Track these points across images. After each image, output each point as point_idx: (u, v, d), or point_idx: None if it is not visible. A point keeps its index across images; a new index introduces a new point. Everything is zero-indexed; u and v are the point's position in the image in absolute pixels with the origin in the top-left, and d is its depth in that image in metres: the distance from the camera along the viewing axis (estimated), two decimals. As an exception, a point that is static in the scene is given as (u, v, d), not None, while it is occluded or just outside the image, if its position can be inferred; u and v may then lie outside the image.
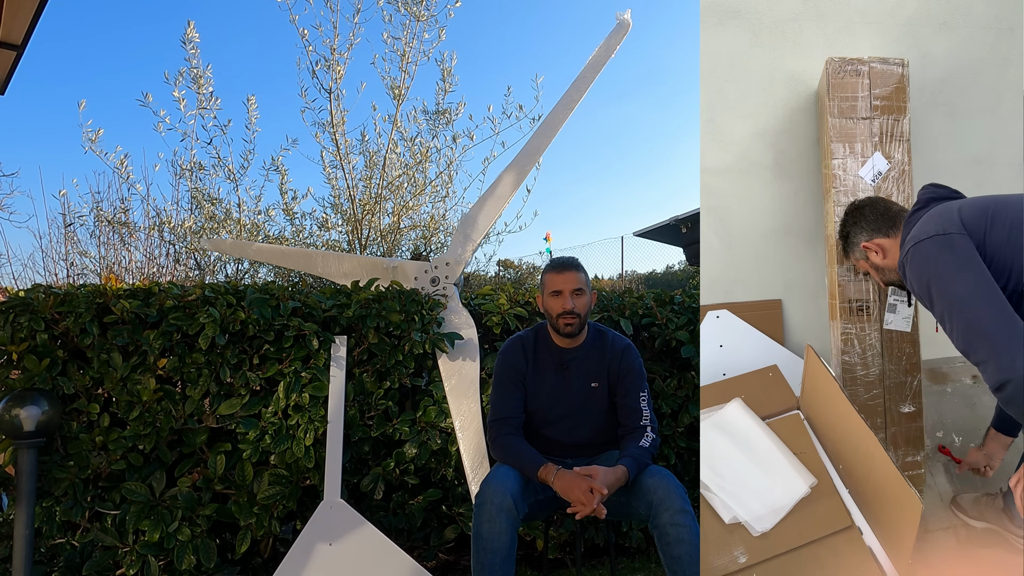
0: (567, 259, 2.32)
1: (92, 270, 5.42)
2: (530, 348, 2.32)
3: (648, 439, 2.18)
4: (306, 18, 6.05)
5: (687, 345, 2.98)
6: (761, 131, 2.42)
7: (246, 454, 2.49)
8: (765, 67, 2.36)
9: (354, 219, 5.65)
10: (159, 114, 5.22)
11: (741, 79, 2.36)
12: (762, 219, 2.51)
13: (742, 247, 2.53)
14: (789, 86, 2.37)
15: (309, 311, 2.62)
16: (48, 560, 2.55)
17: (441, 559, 2.84)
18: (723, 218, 2.49)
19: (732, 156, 2.42)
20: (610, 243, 17.69)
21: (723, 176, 2.44)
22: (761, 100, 2.39)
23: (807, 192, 2.47)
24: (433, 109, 5.84)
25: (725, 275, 2.56)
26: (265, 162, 5.67)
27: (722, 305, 2.62)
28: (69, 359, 2.47)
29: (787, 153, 2.43)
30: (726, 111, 2.38)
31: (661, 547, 1.93)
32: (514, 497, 1.96)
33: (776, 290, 2.61)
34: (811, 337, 2.64)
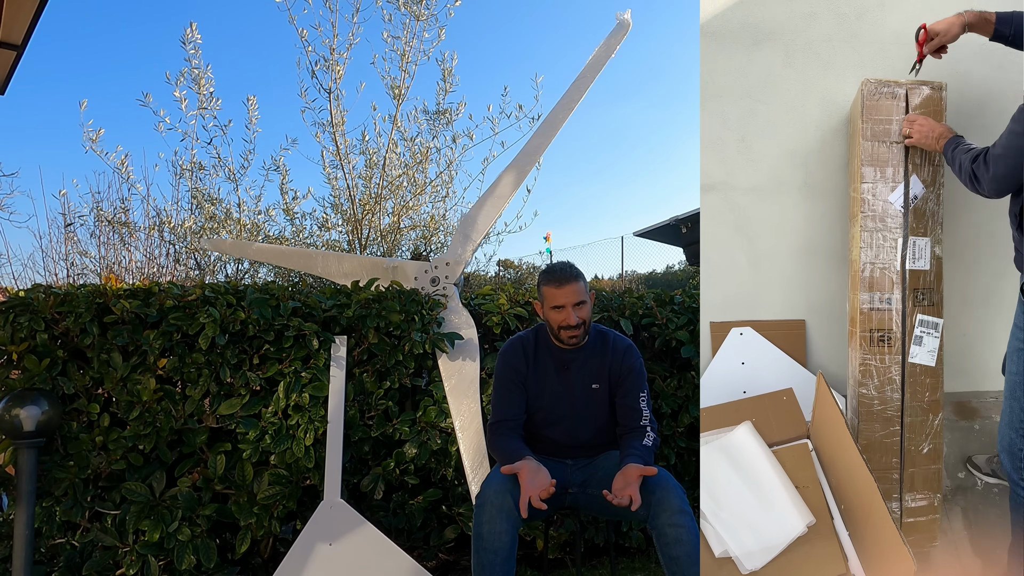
0: (565, 269, 2.24)
1: (92, 270, 5.42)
2: (530, 349, 2.32)
3: (649, 439, 2.18)
4: (305, 18, 6.05)
5: (687, 345, 2.98)
6: (791, 151, 2.40)
7: (246, 454, 2.49)
8: (798, 88, 2.35)
9: (354, 219, 5.65)
10: (159, 114, 5.23)
11: (773, 99, 2.35)
12: (789, 239, 2.50)
13: (768, 266, 2.52)
14: (821, 107, 2.36)
15: (309, 311, 2.62)
16: (48, 560, 2.55)
17: (441, 559, 2.84)
18: (750, 236, 2.48)
19: (761, 175, 2.42)
20: (610, 243, 17.68)
21: (751, 194, 2.44)
22: (792, 120, 2.38)
23: (835, 214, 2.45)
24: (433, 109, 5.85)
25: (749, 293, 2.54)
26: (265, 162, 5.68)
27: (746, 322, 2.58)
28: (69, 359, 2.46)
29: (816, 174, 2.42)
30: (758, 130, 2.38)
31: (660, 548, 1.93)
32: (515, 497, 1.96)
33: (800, 310, 2.59)
34: (833, 360, 2.62)
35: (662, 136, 47.14)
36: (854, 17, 2.32)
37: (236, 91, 17.72)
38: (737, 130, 2.41)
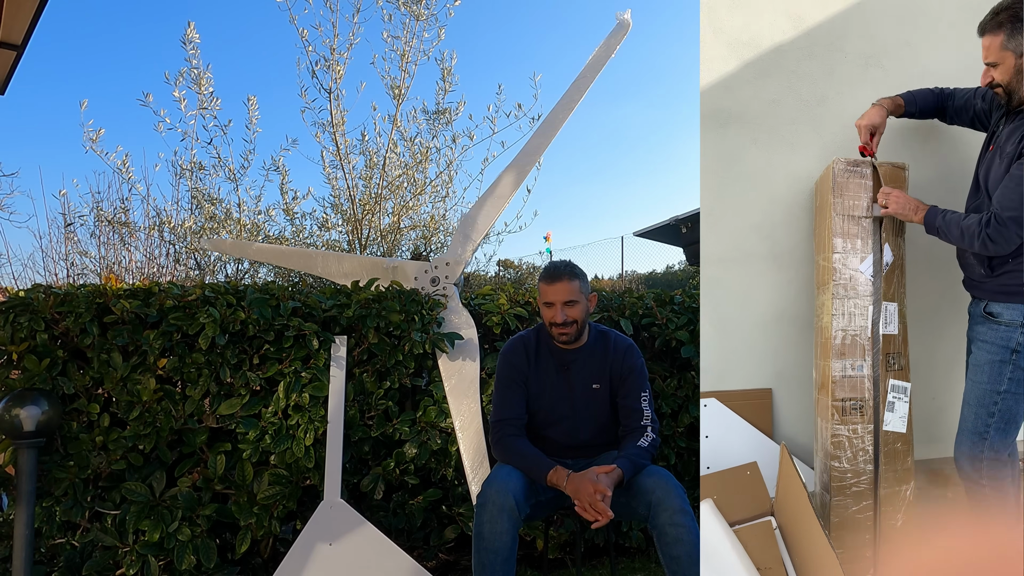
0: (559, 267, 2.26)
1: (92, 270, 5.42)
2: (532, 348, 2.31)
3: (647, 439, 2.18)
4: (306, 18, 6.07)
5: (687, 345, 2.98)
6: (757, 224, 2.51)
7: (246, 454, 2.49)
8: (763, 166, 2.49)
9: (354, 219, 5.65)
10: (160, 114, 5.23)
11: (740, 177, 2.48)
12: (756, 307, 2.56)
13: (735, 335, 2.57)
14: (786, 183, 2.49)
15: (309, 311, 2.62)
16: (48, 560, 2.56)
17: (441, 559, 2.84)
18: (716, 305, 2.55)
19: (727, 247, 2.52)
20: (610, 243, 17.70)
21: (718, 265, 2.53)
22: (758, 196, 2.50)
23: (800, 281, 2.54)
24: (433, 109, 5.85)
25: (717, 363, 2.58)
26: (265, 162, 5.68)
27: (711, 393, 2.58)
28: (69, 359, 2.46)
29: (783, 244, 2.53)
30: (725, 206, 2.50)
31: (660, 547, 1.93)
32: (516, 497, 1.96)
33: (767, 379, 2.62)
34: (800, 430, 2.62)
35: (662, 136, 47.19)
36: (815, 103, 2.50)
37: (236, 91, 17.74)
38: (705, 204, 2.52)
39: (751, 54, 2.43)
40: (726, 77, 2.42)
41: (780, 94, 2.47)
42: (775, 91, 2.46)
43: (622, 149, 41.71)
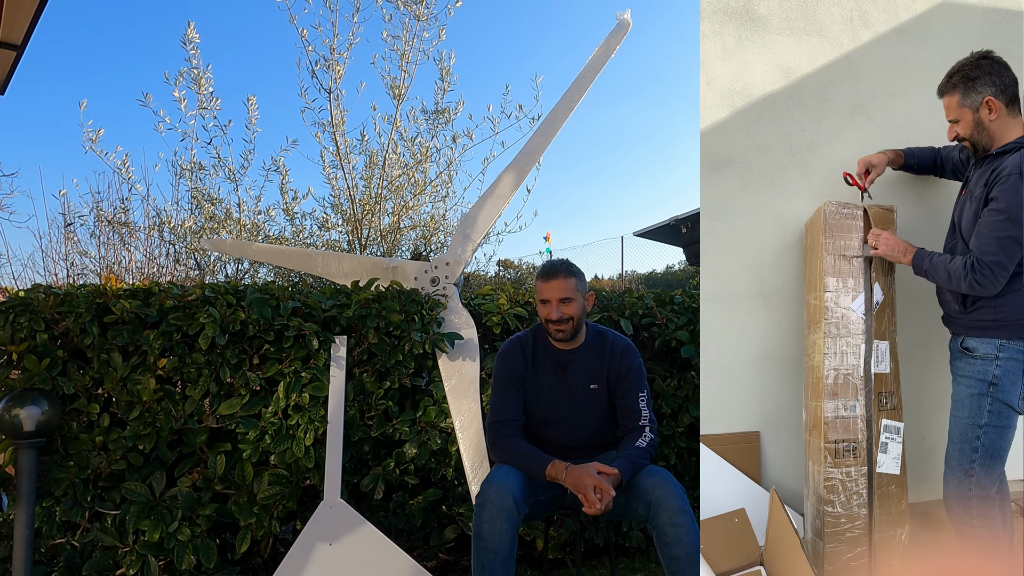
0: (555, 265, 2.28)
1: (92, 270, 5.42)
2: (529, 349, 2.32)
3: (646, 439, 2.18)
4: (305, 18, 6.06)
5: (687, 345, 2.98)
6: (748, 265, 2.56)
7: (246, 454, 2.49)
8: (753, 208, 2.55)
9: (354, 219, 5.66)
10: (159, 114, 5.24)
11: (732, 219, 2.53)
12: (745, 347, 2.58)
13: (723, 376, 2.58)
14: (776, 225, 2.55)
15: (309, 311, 2.62)
16: (48, 560, 2.56)
17: (441, 559, 2.84)
18: (704, 346, 2.56)
19: (717, 286, 2.55)
20: (610, 243, 17.69)
21: (706, 305, 2.56)
22: (749, 237, 2.55)
23: (789, 321, 2.56)
24: (432, 109, 5.85)
25: (705, 405, 2.58)
26: (265, 162, 5.68)
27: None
28: (69, 359, 2.46)
29: (772, 284, 2.57)
30: (716, 247, 2.55)
31: (660, 548, 1.93)
32: (515, 497, 1.96)
33: (755, 421, 2.62)
34: (789, 474, 2.61)
35: (662, 136, 47.21)
36: (804, 149, 2.56)
37: (236, 91, 17.75)
38: (703, 245, 2.56)
39: (743, 102, 2.52)
40: (719, 124, 2.51)
41: (771, 140, 2.54)
42: (766, 137, 2.54)
43: (622, 149, 41.78)
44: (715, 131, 2.50)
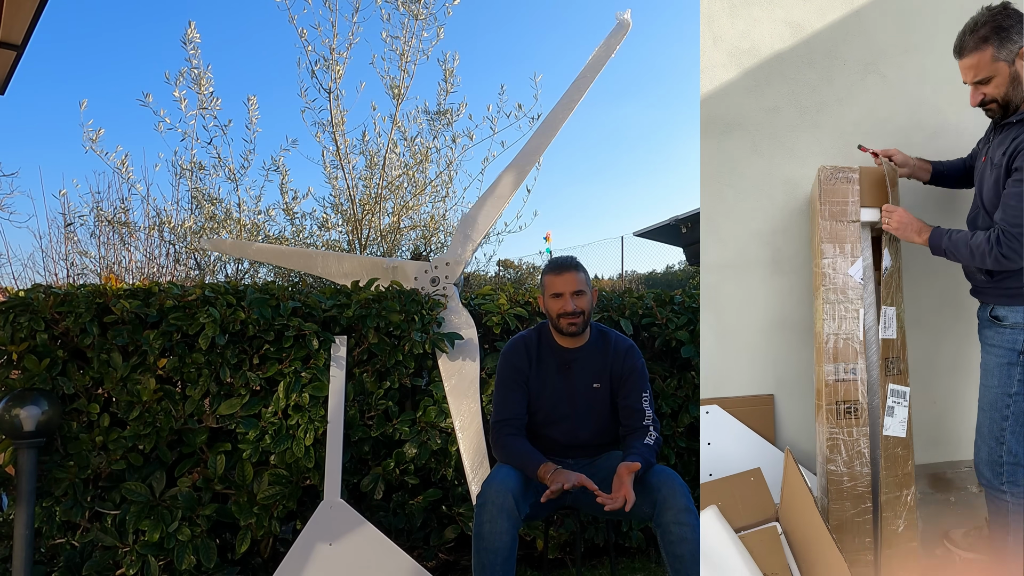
0: (566, 259, 2.30)
1: (92, 270, 5.42)
2: (533, 348, 2.32)
3: (651, 438, 2.18)
4: (305, 18, 6.05)
5: (687, 345, 2.98)
6: (758, 231, 2.52)
7: (246, 454, 2.49)
8: (763, 173, 2.50)
9: (354, 219, 5.65)
10: (159, 114, 5.23)
11: (740, 184, 2.49)
12: (757, 314, 2.56)
13: (736, 341, 2.57)
14: (786, 190, 2.50)
15: (309, 311, 2.62)
16: (48, 560, 2.55)
17: (441, 559, 2.84)
18: (718, 312, 2.55)
19: (730, 253, 2.52)
20: (610, 243, 17.67)
21: (720, 272, 2.53)
22: (759, 203, 2.51)
23: (802, 288, 2.53)
24: (434, 109, 5.84)
25: (717, 369, 2.58)
26: (265, 162, 5.68)
27: (712, 400, 2.57)
28: (69, 359, 2.46)
29: (783, 251, 2.53)
30: (726, 213, 2.51)
31: (664, 546, 1.93)
32: (516, 497, 1.96)
33: (769, 385, 2.62)
34: (803, 436, 2.62)
35: (662, 136, 47.21)
36: (815, 110, 2.50)
37: (236, 91, 17.74)
38: (705, 211, 2.52)
39: (751, 62, 2.45)
40: (726, 85, 2.44)
41: (780, 102, 2.48)
42: (775, 99, 2.48)
43: (622, 149, 41.77)
44: (721, 93, 2.43)
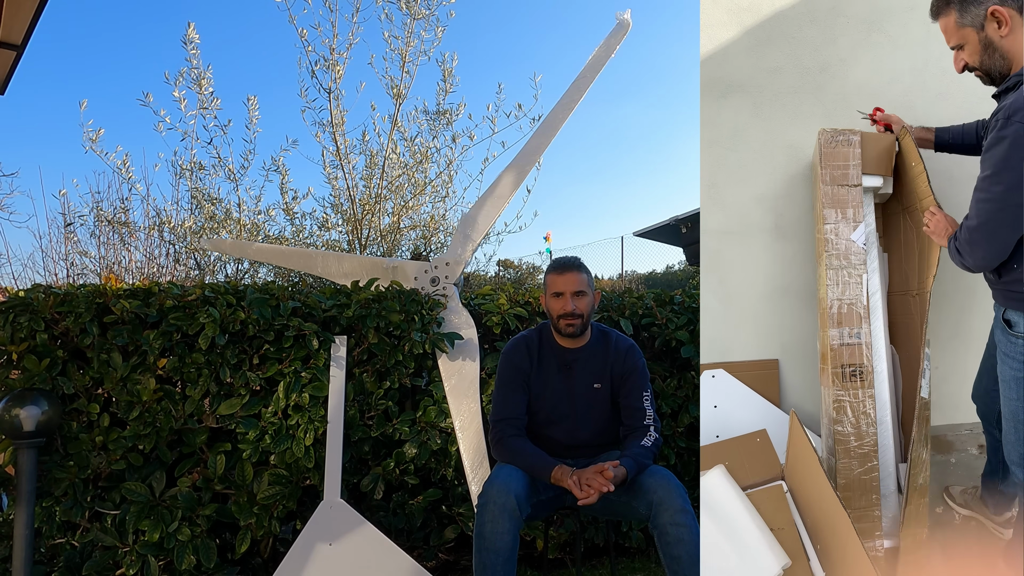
0: (569, 259, 2.30)
1: (92, 270, 5.42)
2: (534, 348, 2.32)
3: (650, 438, 2.18)
4: (305, 18, 6.05)
5: (687, 345, 2.98)
6: (760, 196, 2.47)
7: (246, 454, 2.49)
8: (765, 137, 2.44)
9: (354, 219, 5.65)
10: (159, 114, 5.24)
11: (742, 148, 2.43)
12: (760, 280, 2.54)
13: (740, 307, 2.55)
14: (788, 154, 2.44)
15: (309, 311, 2.62)
16: (48, 560, 2.55)
17: (441, 559, 2.84)
18: (722, 278, 2.52)
19: (732, 219, 2.48)
20: (610, 243, 17.68)
21: (722, 238, 2.49)
22: (761, 167, 2.46)
23: (804, 254, 2.51)
24: (434, 109, 5.85)
25: (722, 335, 2.56)
26: (265, 162, 5.69)
27: (718, 364, 2.58)
28: (69, 359, 2.46)
29: (786, 216, 2.49)
30: (727, 177, 2.45)
31: (661, 547, 1.93)
32: (517, 497, 1.96)
33: (773, 350, 2.62)
34: (808, 399, 2.63)
35: (662, 136, 47.21)
36: (817, 71, 2.43)
37: (236, 91, 17.75)
38: (707, 177, 2.48)
39: (751, 20, 2.37)
40: (726, 44, 2.37)
41: (781, 62, 2.40)
42: (776, 59, 2.39)
43: (622, 149, 41.76)
44: (722, 53, 2.36)
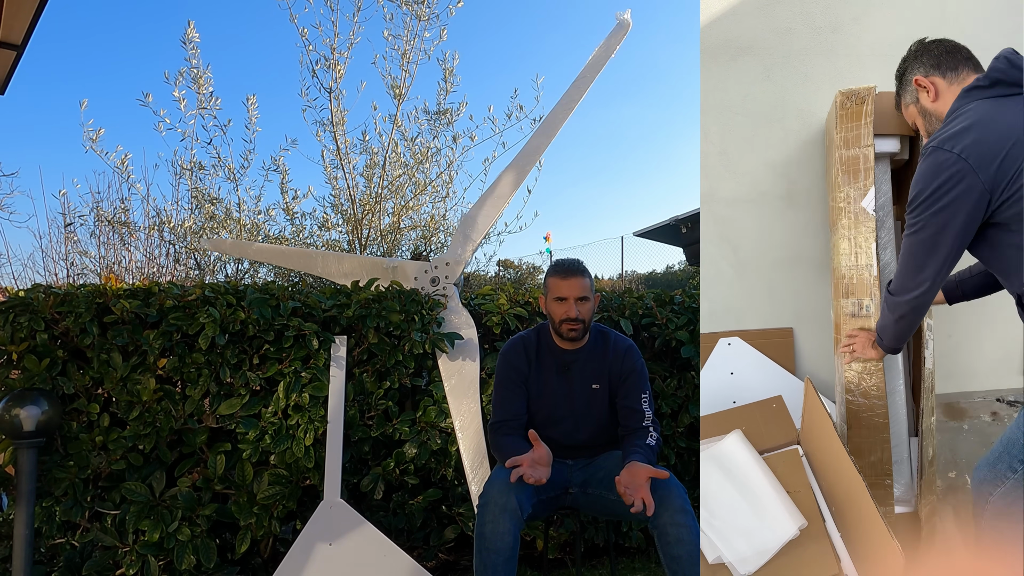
0: (572, 263, 2.27)
1: (92, 270, 5.42)
2: (532, 349, 2.31)
3: (653, 438, 2.18)
4: (306, 17, 6.05)
5: (687, 345, 2.98)
6: (772, 162, 2.42)
7: (246, 454, 2.49)
8: (776, 100, 2.37)
9: (354, 219, 5.65)
10: (159, 114, 5.23)
11: (752, 112, 2.37)
12: (774, 248, 2.51)
13: (753, 275, 2.52)
14: (800, 119, 2.38)
15: (309, 311, 2.62)
16: (48, 560, 2.56)
17: (441, 559, 2.84)
18: (735, 246, 2.48)
19: (744, 186, 2.42)
20: (610, 243, 17.70)
21: (735, 206, 2.45)
22: (772, 133, 2.40)
23: (818, 222, 2.46)
24: (434, 109, 5.84)
25: (736, 303, 2.54)
26: (265, 162, 5.67)
27: (733, 332, 2.58)
28: (69, 359, 2.46)
29: (799, 184, 2.43)
30: (738, 143, 2.40)
31: (661, 547, 1.92)
32: (518, 497, 1.96)
33: (787, 319, 2.59)
34: (822, 367, 2.62)
35: (662, 137, 47.23)
36: (829, 31, 2.35)
37: (236, 91, 17.69)
38: (718, 143, 2.43)
39: None
40: (735, 4, 2.29)
41: (792, 22, 2.32)
42: (787, 18, 2.32)
43: (622, 149, 41.75)
44: (731, 13, 2.29)
